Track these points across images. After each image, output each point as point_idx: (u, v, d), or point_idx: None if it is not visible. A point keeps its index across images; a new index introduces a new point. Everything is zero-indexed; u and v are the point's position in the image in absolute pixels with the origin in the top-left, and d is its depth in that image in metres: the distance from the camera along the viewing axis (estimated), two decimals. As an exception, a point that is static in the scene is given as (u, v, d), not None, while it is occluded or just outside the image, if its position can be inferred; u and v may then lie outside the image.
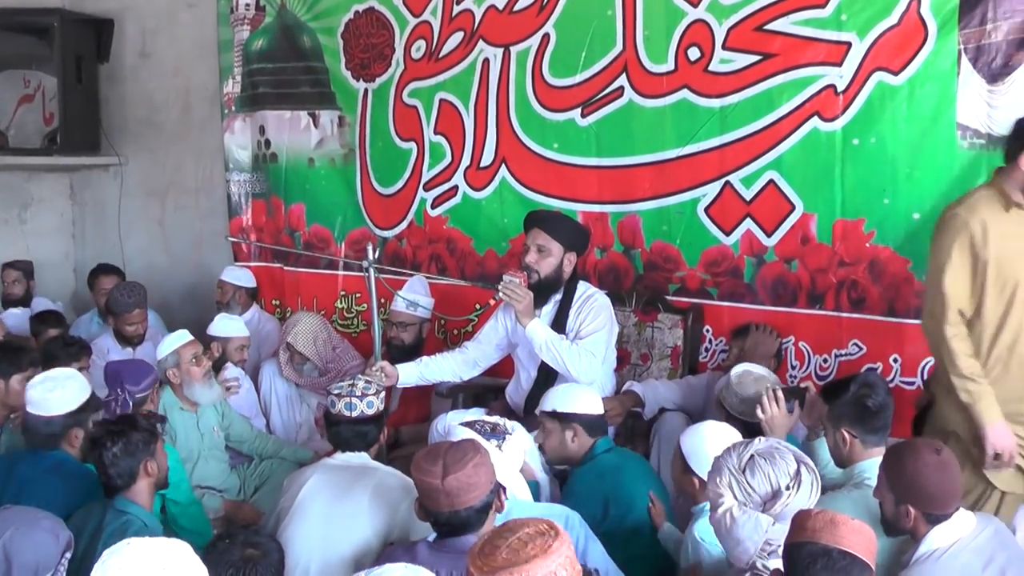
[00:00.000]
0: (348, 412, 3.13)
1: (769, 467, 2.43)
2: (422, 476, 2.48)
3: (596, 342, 3.80)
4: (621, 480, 3.21)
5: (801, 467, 2.45)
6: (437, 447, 2.56)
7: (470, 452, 2.50)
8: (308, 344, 4.70)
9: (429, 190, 5.11)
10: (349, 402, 3.12)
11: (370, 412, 3.13)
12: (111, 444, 2.85)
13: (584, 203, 4.60)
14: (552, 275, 3.89)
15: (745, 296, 4.24)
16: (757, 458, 2.46)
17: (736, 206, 4.20)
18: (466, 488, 2.44)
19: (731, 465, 2.47)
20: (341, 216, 5.46)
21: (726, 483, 2.45)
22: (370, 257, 4.06)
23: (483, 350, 4.13)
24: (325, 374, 4.73)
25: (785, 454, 2.47)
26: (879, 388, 3.02)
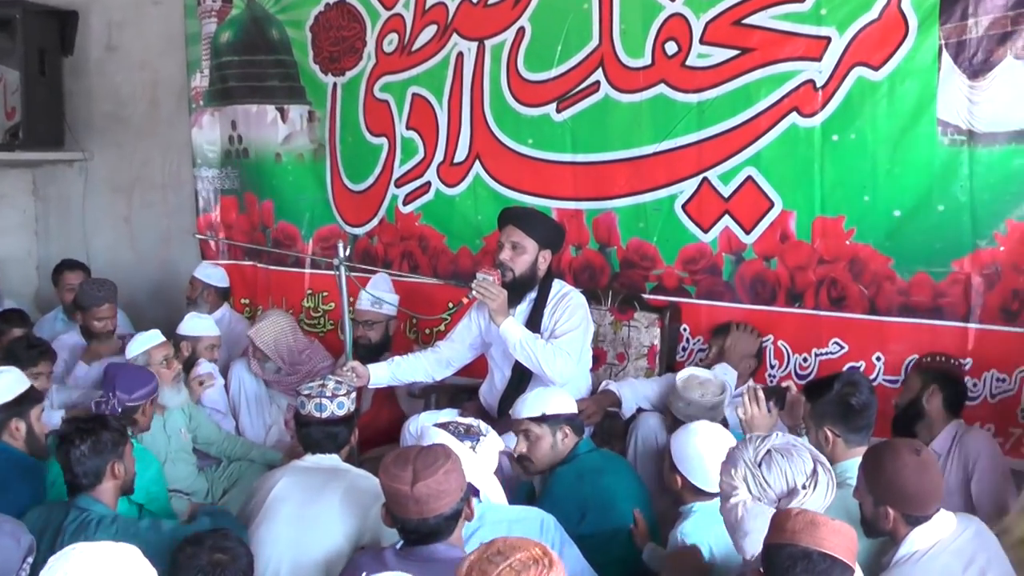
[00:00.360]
0: (318, 413, 3.11)
1: (786, 464, 2.42)
2: (390, 481, 2.45)
3: (571, 341, 3.78)
4: (601, 482, 3.20)
5: (818, 466, 2.42)
6: (407, 452, 2.52)
7: (441, 458, 2.46)
8: (268, 343, 4.65)
9: (401, 186, 5.08)
10: (319, 403, 3.11)
11: (340, 413, 3.12)
12: (79, 442, 2.85)
13: (559, 200, 4.58)
14: (526, 273, 3.87)
15: (723, 294, 4.22)
16: (774, 453, 2.44)
17: (714, 203, 4.18)
18: (436, 495, 2.41)
19: (747, 458, 2.45)
20: (309, 213, 5.44)
21: (741, 476, 2.43)
22: (341, 255, 4.02)
23: (456, 349, 4.11)
24: (294, 373, 4.69)
25: (802, 452, 2.45)
26: (863, 387, 3.03)
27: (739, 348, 4.01)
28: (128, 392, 3.65)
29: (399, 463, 2.46)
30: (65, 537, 2.73)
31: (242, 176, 5.69)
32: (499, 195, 4.73)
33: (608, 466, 3.31)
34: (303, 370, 4.71)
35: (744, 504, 2.39)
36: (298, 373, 4.69)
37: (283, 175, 5.50)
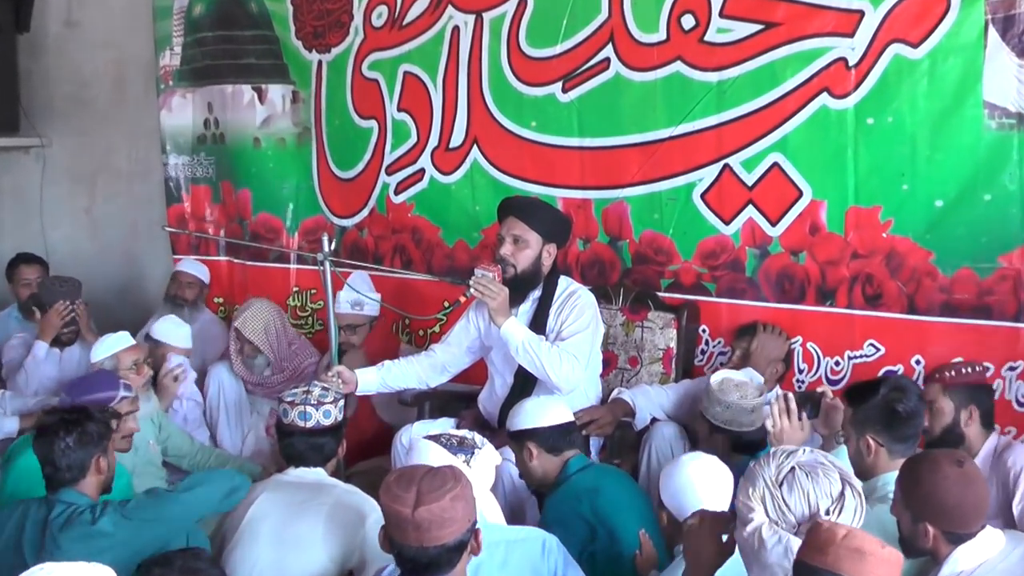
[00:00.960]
0: (302, 422, 3.10)
1: (810, 484, 2.38)
2: (391, 502, 2.37)
3: (579, 344, 3.76)
4: (598, 502, 3.20)
5: (847, 488, 2.39)
6: (413, 471, 2.46)
7: (449, 481, 2.39)
8: (258, 332, 4.63)
9: (392, 174, 5.08)
10: (303, 411, 3.09)
11: (327, 423, 3.11)
12: (64, 434, 2.90)
13: (565, 188, 4.58)
14: (530, 269, 3.85)
15: (746, 292, 4.21)
16: (798, 472, 2.41)
17: (736, 192, 4.16)
18: (439, 522, 2.34)
19: (767, 476, 2.42)
20: (293, 203, 5.45)
21: (759, 495, 2.40)
22: (325, 249, 3.99)
23: (453, 353, 4.09)
24: (280, 372, 4.70)
25: (830, 471, 2.42)
26: (911, 393, 3.05)
27: (765, 351, 3.99)
28: (74, 396, 3.59)
29: (402, 483, 2.40)
30: (51, 531, 2.79)
31: (217, 163, 5.70)
32: (499, 183, 4.73)
33: (604, 482, 3.30)
34: (289, 368, 4.71)
35: (760, 532, 2.35)
36: (284, 372, 4.69)
37: (263, 162, 5.51)
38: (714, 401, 3.49)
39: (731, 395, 3.47)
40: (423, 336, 4.99)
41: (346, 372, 3.90)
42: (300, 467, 3.12)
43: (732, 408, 3.43)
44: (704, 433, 3.50)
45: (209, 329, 5.33)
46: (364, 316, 4.61)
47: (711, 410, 3.49)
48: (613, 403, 3.93)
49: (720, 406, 3.48)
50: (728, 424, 3.33)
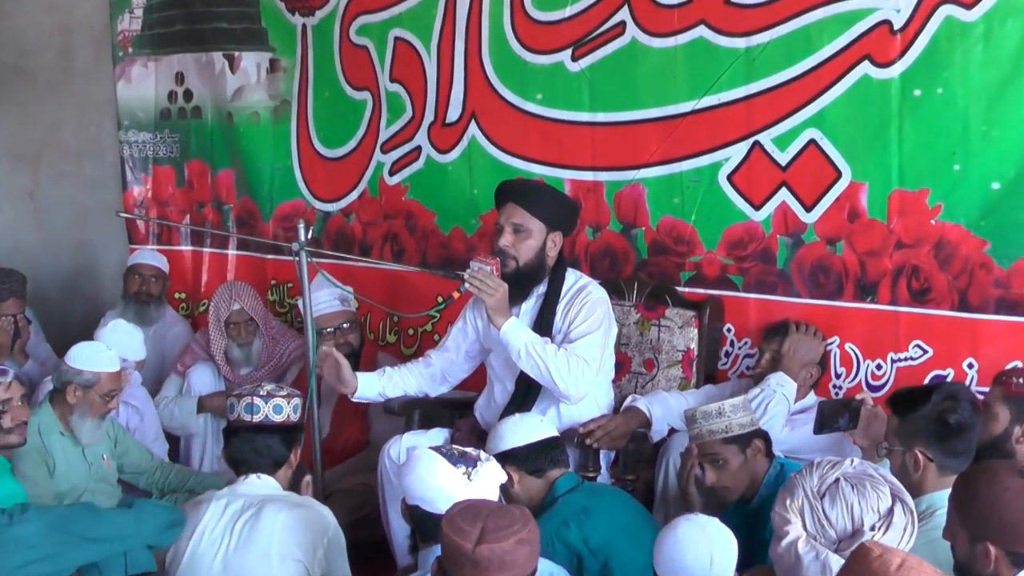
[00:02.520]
0: (248, 416, 3.12)
1: (855, 497, 2.41)
2: (452, 534, 2.45)
3: (590, 346, 3.77)
4: (589, 525, 3.21)
5: (897, 504, 2.42)
6: (480, 506, 2.53)
7: (517, 523, 2.47)
8: (258, 308, 4.77)
9: (388, 152, 5.08)
10: (250, 403, 3.12)
11: (277, 419, 3.13)
12: None
13: (574, 169, 4.58)
14: (533, 261, 3.87)
15: (777, 286, 4.22)
16: (843, 483, 2.43)
17: (767, 173, 4.17)
18: (500, 564, 2.40)
19: (809, 487, 2.44)
20: (267, 185, 5.46)
21: (798, 507, 2.43)
22: (301, 237, 4.03)
23: (451, 360, 4.13)
24: (265, 364, 4.82)
25: (880, 485, 2.44)
26: (965, 402, 3.03)
27: (798, 353, 3.99)
28: None
29: (468, 516, 2.47)
30: None
31: (184, 141, 5.70)
32: (499, 164, 4.73)
33: (597, 504, 3.30)
34: (275, 358, 4.78)
35: (796, 547, 2.38)
36: (269, 364, 4.80)
37: (236, 139, 5.52)
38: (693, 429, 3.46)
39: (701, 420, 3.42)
40: (413, 336, 5.01)
41: (345, 370, 3.91)
42: (249, 475, 3.14)
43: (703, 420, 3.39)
44: (738, 458, 3.42)
45: (170, 330, 5.37)
46: (352, 312, 4.67)
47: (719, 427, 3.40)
48: (627, 412, 3.91)
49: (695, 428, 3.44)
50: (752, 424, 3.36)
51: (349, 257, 5.05)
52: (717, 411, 3.39)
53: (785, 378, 3.88)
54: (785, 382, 3.86)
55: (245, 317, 4.86)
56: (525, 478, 3.36)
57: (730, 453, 3.38)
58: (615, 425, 3.80)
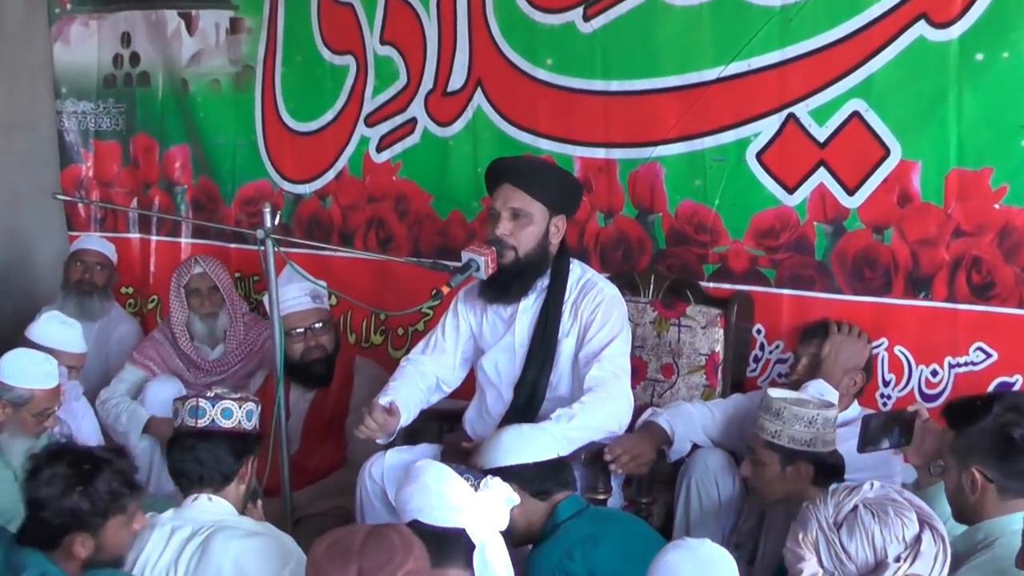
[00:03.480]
0: (192, 420, 3.11)
1: (876, 526, 2.42)
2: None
3: (617, 353, 3.80)
4: (595, 556, 3.21)
5: (925, 531, 2.43)
6: (349, 537, 2.47)
7: (398, 553, 2.40)
8: (224, 279, 4.92)
9: (374, 125, 5.09)
10: (195, 406, 3.10)
11: (226, 424, 3.12)
12: None
13: (584, 145, 4.60)
14: (534, 251, 3.88)
15: (815, 280, 4.22)
16: (862, 511, 2.44)
17: (804, 150, 4.16)
18: None
19: (824, 517, 2.46)
20: (229, 164, 5.49)
21: (812, 540, 2.44)
22: (267, 223, 4.00)
23: (446, 365, 4.11)
24: (236, 350, 4.96)
25: (904, 510, 2.46)
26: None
27: (839, 358, 3.97)
28: None
29: (336, 556, 2.40)
30: None
31: (132, 111, 5.72)
32: (506, 138, 4.76)
33: (605, 531, 3.31)
34: (249, 340, 4.89)
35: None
36: (243, 349, 4.93)
37: (193, 111, 5.54)
38: (771, 417, 3.44)
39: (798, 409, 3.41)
40: (403, 336, 5.03)
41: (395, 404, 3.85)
42: (199, 496, 3.13)
43: (802, 420, 3.38)
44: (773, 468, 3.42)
45: (116, 328, 5.38)
46: (325, 310, 4.70)
47: (770, 427, 3.42)
48: (646, 429, 3.87)
49: (781, 420, 3.41)
50: (808, 445, 3.33)
51: (325, 246, 5.08)
52: (777, 410, 3.39)
53: (824, 386, 3.81)
54: (824, 391, 3.78)
55: (208, 283, 4.95)
56: (527, 500, 3.32)
57: (768, 459, 3.40)
58: (642, 449, 3.75)
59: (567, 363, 3.90)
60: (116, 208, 5.70)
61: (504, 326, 3.99)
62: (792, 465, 3.37)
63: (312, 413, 4.65)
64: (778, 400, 3.40)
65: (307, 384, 4.67)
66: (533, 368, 3.90)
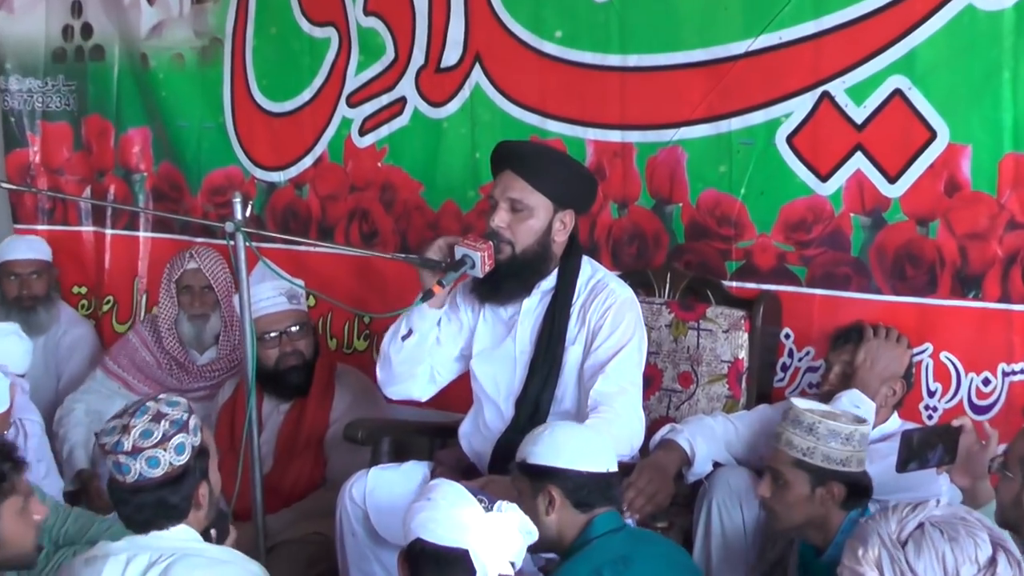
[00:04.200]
0: (121, 476, 3.05)
1: (947, 545, 2.45)
2: None
3: (626, 364, 3.79)
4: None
5: (1000, 554, 2.45)
6: None
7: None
8: (220, 277, 4.95)
9: (356, 105, 5.11)
10: (116, 462, 3.03)
11: (155, 474, 3.04)
12: None
13: (598, 127, 4.61)
14: (533, 248, 3.87)
15: (851, 279, 4.22)
16: (929, 529, 2.47)
17: (839, 133, 4.16)
18: None
19: (886, 534, 2.49)
20: (194, 149, 5.53)
21: (873, 558, 2.47)
22: (238, 216, 3.97)
23: (441, 355, 4.09)
24: (228, 355, 5.03)
25: (976, 530, 2.48)
26: None
27: (877, 365, 3.94)
28: None
29: None
30: None
31: (84, 89, 5.75)
32: (509, 119, 4.77)
33: (640, 553, 3.29)
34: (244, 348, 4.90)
35: None
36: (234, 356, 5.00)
37: (151, 89, 5.59)
38: (798, 427, 3.43)
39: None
40: None
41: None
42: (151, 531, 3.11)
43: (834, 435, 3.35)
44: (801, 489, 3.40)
45: (67, 334, 5.42)
46: (302, 312, 4.72)
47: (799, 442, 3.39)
48: (663, 450, 3.84)
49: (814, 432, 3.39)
50: (844, 464, 3.30)
51: (302, 241, 5.09)
52: (809, 425, 3.36)
53: (860, 397, 3.80)
54: (860, 402, 3.77)
55: (202, 281, 5.00)
56: (567, 508, 3.32)
57: (795, 479, 3.37)
58: (658, 486, 3.68)
59: (573, 373, 3.88)
60: (66, 198, 5.74)
61: (504, 330, 3.98)
62: (823, 486, 3.34)
63: (287, 427, 4.66)
64: (810, 413, 3.37)
65: (282, 395, 4.69)
66: (536, 379, 3.88)
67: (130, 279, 5.71)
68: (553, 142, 4.57)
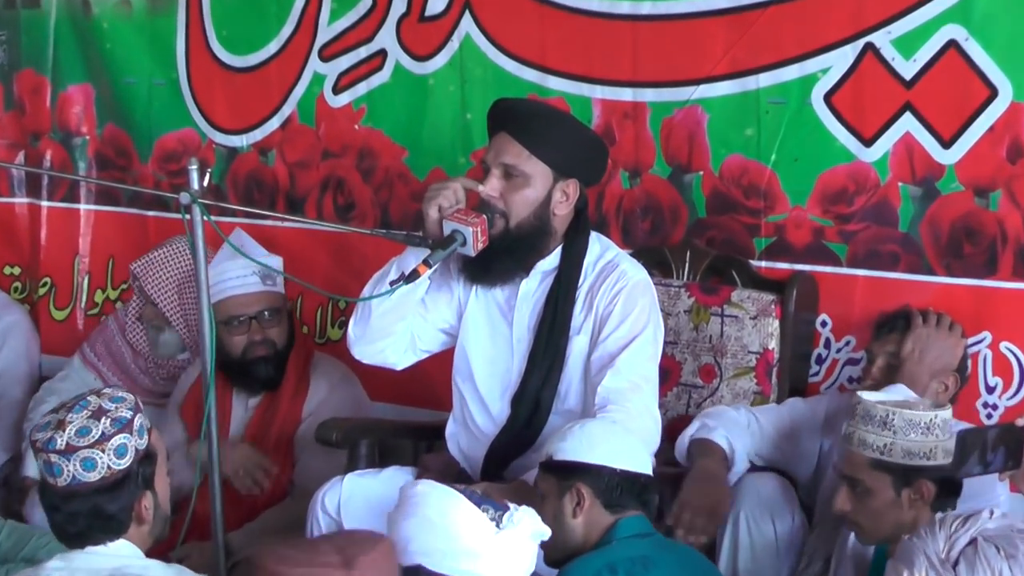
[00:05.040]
0: (52, 478, 3.04)
1: (1004, 563, 2.55)
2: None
3: (638, 356, 3.79)
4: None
5: None
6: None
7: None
8: (167, 290, 4.89)
9: (329, 59, 5.13)
10: (47, 461, 3.02)
11: (91, 477, 3.02)
12: None
13: (607, 84, 4.60)
14: (530, 222, 3.88)
15: (900, 258, 4.21)
16: (983, 546, 2.57)
17: (885, 91, 4.14)
18: None
19: (934, 553, 2.59)
20: (144, 109, 5.56)
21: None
22: (194, 186, 3.99)
23: (425, 323, 4.09)
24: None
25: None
26: None
27: (927, 356, 3.95)
28: None
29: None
30: None
31: (15, 41, 5.86)
32: (504, 74, 4.79)
33: (662, 559, 3.36)
34: None
35: None
36: None
37: (95, 41, 5.61)
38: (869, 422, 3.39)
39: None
40: None
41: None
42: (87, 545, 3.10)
43: (912, 425, 3.33)
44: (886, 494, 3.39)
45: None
46: (279, 293, 4.73)
47: (871, 439, 3.36)
48: (707, 456, 3.83)
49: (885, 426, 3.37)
50: (930, 457, 3.28)
51: (268, 215, 5.12)
52: (883, 418, 3.34)
53: (906, 393, 3.75)
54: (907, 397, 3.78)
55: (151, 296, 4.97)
56: (596, 508, 3.38)
57: (877, 484, 3.35)
58: (716, 499, 3.69)
59: (578, 367, 3.89)
60: (0, 165, 5.78)
61: (499, 314, 3.98)
62: (910, 487, 3.33)
63: (255, 427, 4.66)
64: (881, 405, 3.34)
65: (250, 388, 4.68)
66: (536, 373, 3.88)
67: (70, 258, 5.72)
68: (555, 101, 4.57)
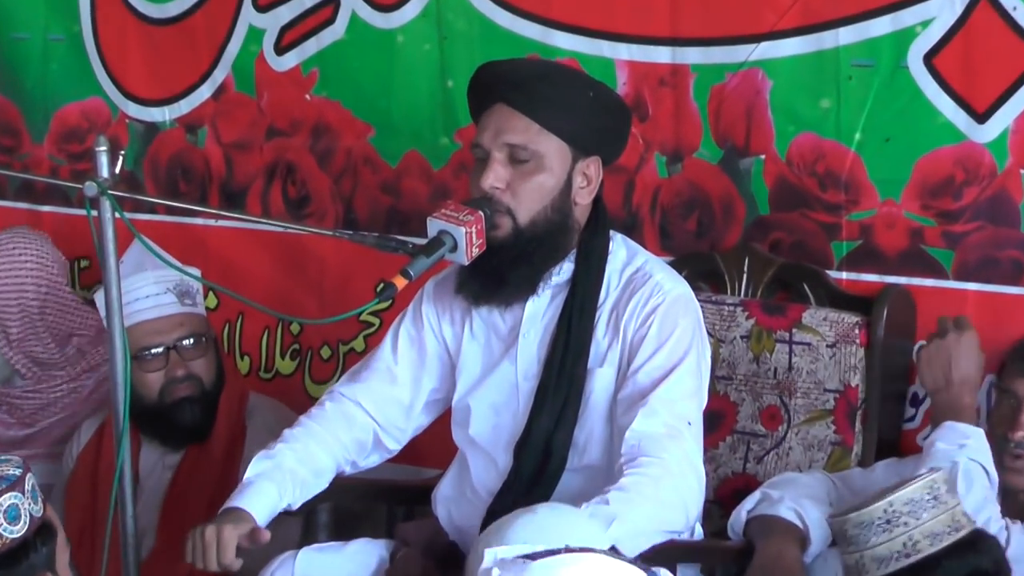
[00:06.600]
0: None
1: None
2: None
3: (678, 393, 3.77)
4: None
5: None
6: None
7: None
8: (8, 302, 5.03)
9: (268, 8, 5.21)
10: None
11: None
12: None
13: (635, 43, 4.61)
14: (546, 218, 3.87)
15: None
16: None
17: (1005, 50, 4.12)
18: None
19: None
20: (37, 73, 5.70)
21: None
22: (103, 172, 3.97)
23: (396, 403, 4.11)
24: (61, 377, 5.15)
25: None
26: None
27: None
28: None
29: None
30: None
31: None
32: (496, 31, 4.83)
33: None
34: (77, 369, 5.03)
35: None
36: (66, 378, 5.15)
37: None
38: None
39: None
40: (331, 360, 5.14)
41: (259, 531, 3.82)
42: None
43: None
44: None
45: None
46: (199, 316, 4.77)
47: None
48: (776, 536, 3.76)
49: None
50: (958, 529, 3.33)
51: (198, 210, 5.21)
52: (884, 517, 3.39)
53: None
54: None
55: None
56: None
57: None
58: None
59: (602, 407, 3.86)
60: None
61: (501, 345, 3.94)
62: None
63: (177, 487, 4.68)
64: (873, 506, 3.46)
65: (169, 441, 4.65)
66: (545, 414, 3.85)
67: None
68: (563, 63, 4.55)
